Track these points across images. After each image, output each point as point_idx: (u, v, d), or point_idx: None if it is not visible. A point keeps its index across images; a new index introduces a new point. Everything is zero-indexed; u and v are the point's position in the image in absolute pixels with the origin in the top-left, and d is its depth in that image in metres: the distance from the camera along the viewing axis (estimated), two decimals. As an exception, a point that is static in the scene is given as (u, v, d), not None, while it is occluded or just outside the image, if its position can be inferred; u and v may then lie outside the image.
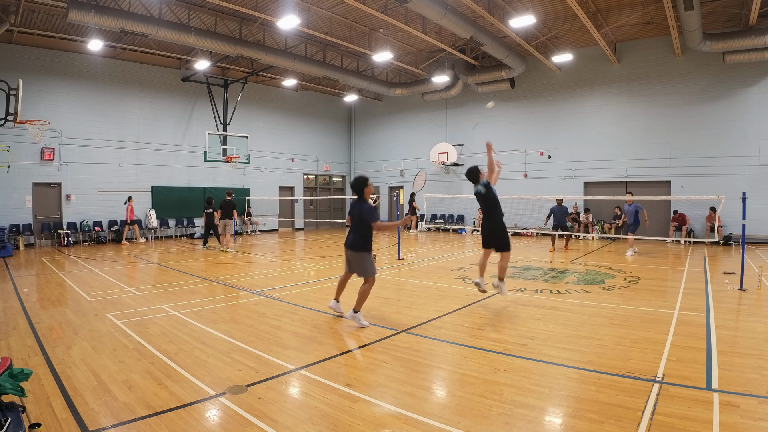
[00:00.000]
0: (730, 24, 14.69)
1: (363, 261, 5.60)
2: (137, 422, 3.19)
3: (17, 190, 15.27)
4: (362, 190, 5.62)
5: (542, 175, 19.28)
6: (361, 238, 5.57)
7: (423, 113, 23.26)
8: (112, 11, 12.59)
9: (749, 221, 9.03)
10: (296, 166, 23.69)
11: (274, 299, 7.22)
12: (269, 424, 3.18)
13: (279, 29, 15.42)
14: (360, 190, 5.63)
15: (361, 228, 5.56)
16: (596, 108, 18.10)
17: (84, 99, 16.62)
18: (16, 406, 2.84)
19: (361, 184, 5.62)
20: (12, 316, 6.11)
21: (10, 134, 14.18)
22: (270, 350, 4.73)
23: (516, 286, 8.12)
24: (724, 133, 15.57)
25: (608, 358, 4.42)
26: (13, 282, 8.84)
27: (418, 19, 14.87)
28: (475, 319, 5.94)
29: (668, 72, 16.47)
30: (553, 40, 17.02)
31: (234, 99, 19.63)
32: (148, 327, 5.60)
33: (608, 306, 6.66)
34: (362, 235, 5.57)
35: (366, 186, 5.63)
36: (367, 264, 5.59)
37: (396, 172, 24.30)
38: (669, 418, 3.17)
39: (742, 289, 7.56)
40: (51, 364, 4.29)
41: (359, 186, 5.63)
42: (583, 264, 10.94)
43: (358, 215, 5.57)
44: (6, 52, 14.86)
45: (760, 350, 4.60)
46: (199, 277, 9.39)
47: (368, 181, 5.68)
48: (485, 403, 3.48)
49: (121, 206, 17.26)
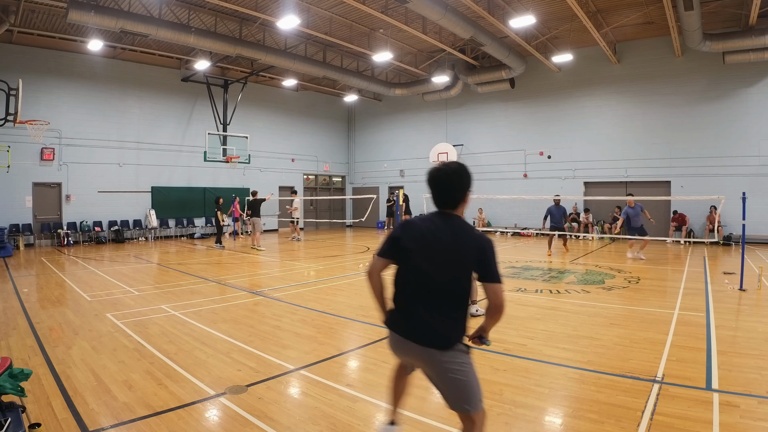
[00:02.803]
0: (730, 24, 14.69)
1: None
2: (137, 422, 3.19)
3: (17, 190, 15.26)
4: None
5: (542, 175, 19.28)
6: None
7: (423, 113, 23.26)
8: (112, 11, 12.58)
9: (749, 221, 9.03)
10: (296, 166, 23.69)
11: (274, 299, 7.22)
12: (269, 424, 3.18)
13: (279, 29, 15.41)
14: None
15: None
16: (596, 108, 18.10)
17: (84, 99, 16.62)
18: (16, 406, 2.84)
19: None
20: (12, 316, 6.11)
21: (10, 134, 14.17)
22: (270, 350, 4.72)
23: (516, 286, 8.12)
24: (724, 133, 15.57)
25: (608, 358, 4.42)
26: (13, 282, 8.83)
27: (418, 19, 14.87)
28: (475, 319, 5.92)
29: (668, 72, 16.47)
30: (553, 40, 17.02)
31: (234, 99, 19.63)
32: (148, 327, 5.60)
33: (608, 306, 6.66)
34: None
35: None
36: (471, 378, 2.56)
37: (396, 172, 24.29)
38: (669, 418, 3.17)
39: (742, 289, 7.56)
40: (51, 364, 4.29)
41: None
42: (583, 264, 10.94)
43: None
44: (6, 52, 14.85)
45: (760, 350, 4.60)
46: (199, 277, 9.38)
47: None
48: (485, 403, 3.47)
49: (121, 206, 17.39)
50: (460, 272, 2.19)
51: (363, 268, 10.20)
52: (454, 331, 2.21)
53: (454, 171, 2.27)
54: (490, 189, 20.00)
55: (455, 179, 2.26)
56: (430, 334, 2.18)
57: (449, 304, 2.20)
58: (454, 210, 2.29)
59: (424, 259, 2.20)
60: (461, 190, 2.27)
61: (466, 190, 2.29)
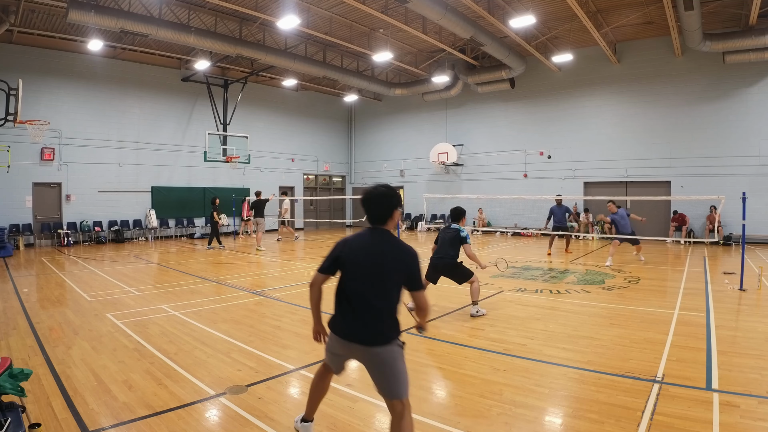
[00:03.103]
0: (730, 24, 14.69)
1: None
2: (137, 422, 3.19)
3: (17, 190, 15.26)
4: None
5: (542, 175, 19.27)
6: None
7: (423, 113, 23.26)
8: (112, 11, 12.58)
9: (749, 221, 9.02)
10: (296, 166, 23.68)
11: (274, 299, 7.22)
12: (269, 424, 3.18)
13: (279, 29, 15.41)
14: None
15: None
16: (596, 108, 18.10)
17: (84, 99, 16.62)
18: (16, 406, 2.84)
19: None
20: (12, 316, 6.11)
21: (10, 134, 14.17)
22: (270, 350, 4.72)
23: (516, 286, 8.12)
24: (724, 133, 15.57)
25: (608, 358, 4.42)
26: (13, 282, 8.83)
27: (418, 19, 14.87)
28: (475, 319, 5.93)
29: (668, 72, 16.47)
30: (553, 40, 17.02)
31: (234, 99, 19.63)
32: (148, 327, 5.60)
33: (608, 306, 6.66)
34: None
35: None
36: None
37: (396, 172, 24.29)
38: (669, 418, 3.17)
39: (742, 289, 7.56)
40: (51, 364, 4.29)
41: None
42: (583, 264, 10.93)
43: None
44: (6, 52, 14.85)
45: (760, 350, 4.60)
46: (199, 277, 9.39)
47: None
48: (485, 403, 3.48)
49: (121, 206, 17.44)
50: (390, 281, 2.55)
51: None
52: (390, 330, 2.56)
53: (382, 194, 2.64)
54: (490, 189, 20.00)
55: (383, 200, 2.63)
56: (371, 334, 2.53)
57: (384, 308, 2.54)
58: (384, 225, 2.66)
59: (360, 272, 2.57)
60: (389, 209, 2.63)
61: (393, 210, 2.65)
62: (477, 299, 6.15)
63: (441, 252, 6.21)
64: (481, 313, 6.13)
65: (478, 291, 6.16)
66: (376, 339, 2.52)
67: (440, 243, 6.29)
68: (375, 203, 2.64)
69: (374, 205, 2.64)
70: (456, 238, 6.12)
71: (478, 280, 6.28)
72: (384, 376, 2.54)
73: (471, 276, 6.17)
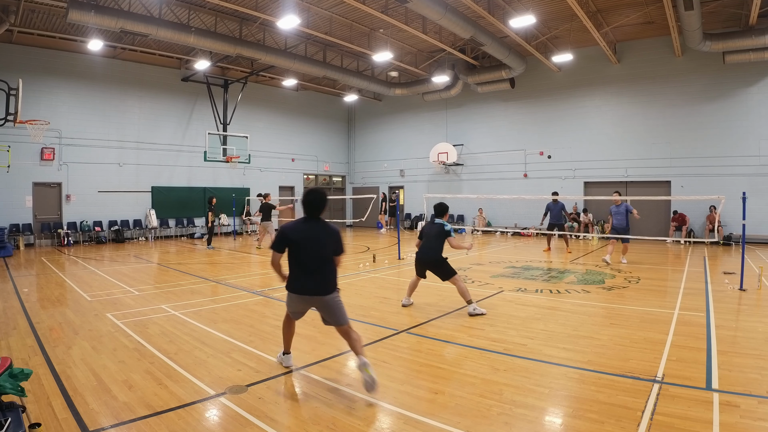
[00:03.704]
0: (730, 24, 14.68)
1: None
2: (137, 422, 3.20)
3: (17, 190, 15.26)
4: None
5: (542, 175, 19.27)
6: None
7: (423, 113, 23.26)
8: (112, 11, 12.58)
9: (749, 221, 9.03)
10: (296, 166, 23.69)
11: (274, 299, 7.22)
12: (269, 424, 3.18)
13: (279, 29, 15.41)
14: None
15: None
16: (596, 108, 18.10)
17: (84, 99, 16.62)
18: (16, 406, 2.84)
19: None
20: (12, 316, 6.11)
21: (10, 134, 14.17)
22: (270, 350, 4.73)
23: (516, 285, 8.12)
24: (724, 133, 15.56)
25: (608, 358, 4.42)
26: (13, 282, 8.84)
27: (418, 19, 14.87)
28: (475, 319, 5.93)
29: (668, 72, 16.47)
30: (553, 40, 17.02)
31: (234, 99, 19.63)
32: (148, 327, 5.60)
33: (608, 306, 6.66)
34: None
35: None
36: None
37: (396, 172, 24.30)
38: (669, 418, 3.17)
39: (742, 289, 7.56)
40: (51, 364, 4.29)
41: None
42: (582, 264, 10.93)
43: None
44: (6, 52, 14.85)
45: (760, 350, 4.60)
46: (199, 277, 9.39)
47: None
48: (485, 403, 3.48)
49: (121, 206, 17.41)
50: (326, 250, 3.80)
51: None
52: (332, 283, 3.83)
53: (317, 197, 3.84)
54: (490, 189, 20.01)
55: (319, 200, 3.85)
56: (321, 287, 3.77)
57: (326, 269, 3.81)
58: (320, 215, 3.89)
59: (310, 246, 3.76)
60: (321, 207, 3.87)
61: (323, 207, 3.88)
62: (469, 298, 6.22)
63: (426, 246, 6.45)
64: (479, 311, 6.15)
65: (465, 290, 6.24)
66: (326, 290, 3.77)
67: (425, 238, 6.51)
68: (312, 203, 3.82)
69: (315, 204, 3.82)
70: (441, 233, 6.33)
71: (462, 279, 6.41)
72: (333, 313, 3.81)
73: (454, 274, 6.31)
